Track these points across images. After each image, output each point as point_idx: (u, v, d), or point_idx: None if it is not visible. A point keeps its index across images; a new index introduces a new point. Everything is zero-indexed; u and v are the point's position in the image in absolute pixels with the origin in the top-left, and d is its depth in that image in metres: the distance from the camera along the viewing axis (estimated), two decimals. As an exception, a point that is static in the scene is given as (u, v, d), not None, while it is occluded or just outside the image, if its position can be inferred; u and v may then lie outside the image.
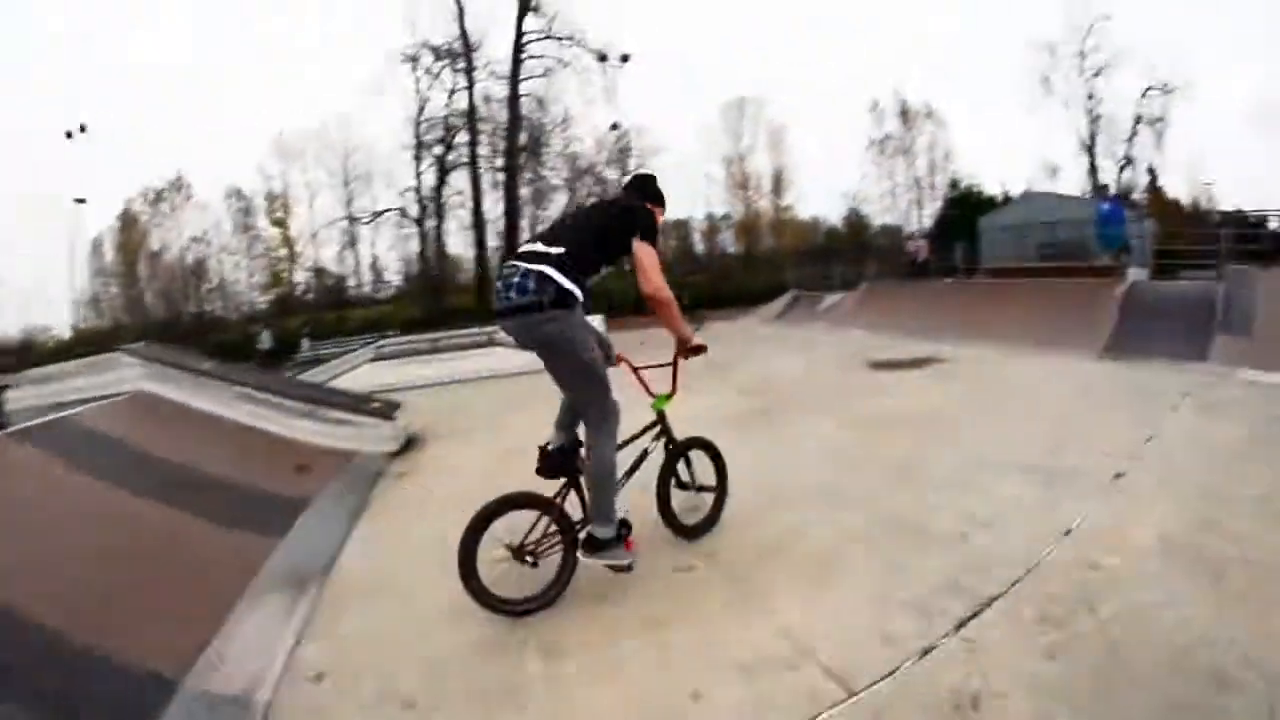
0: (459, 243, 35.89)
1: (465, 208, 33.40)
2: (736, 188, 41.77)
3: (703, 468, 3.52)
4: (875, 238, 38.73)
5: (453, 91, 31.76)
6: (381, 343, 18.74)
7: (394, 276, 39.01)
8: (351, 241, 37.19)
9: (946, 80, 59.35)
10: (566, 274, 2.59)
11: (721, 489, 3.58)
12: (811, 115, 57.93)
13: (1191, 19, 46.86)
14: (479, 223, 32.53)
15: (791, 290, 23.30)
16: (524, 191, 33.17)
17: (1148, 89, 33.09)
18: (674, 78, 59.17)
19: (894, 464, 4.66)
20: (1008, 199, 28.18)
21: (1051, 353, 9.14)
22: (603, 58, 32.02)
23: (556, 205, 33.23)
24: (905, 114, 40.65)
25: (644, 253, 2.71)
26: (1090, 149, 34.67)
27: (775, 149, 42.21)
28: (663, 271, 2.77)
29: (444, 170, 32.63)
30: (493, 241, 32.75)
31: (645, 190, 3.13)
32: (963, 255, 16.97)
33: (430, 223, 33.74)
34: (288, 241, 37.28)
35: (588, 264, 2.70)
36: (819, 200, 70.22)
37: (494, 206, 33.09)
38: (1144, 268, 13.19)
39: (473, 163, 31.97)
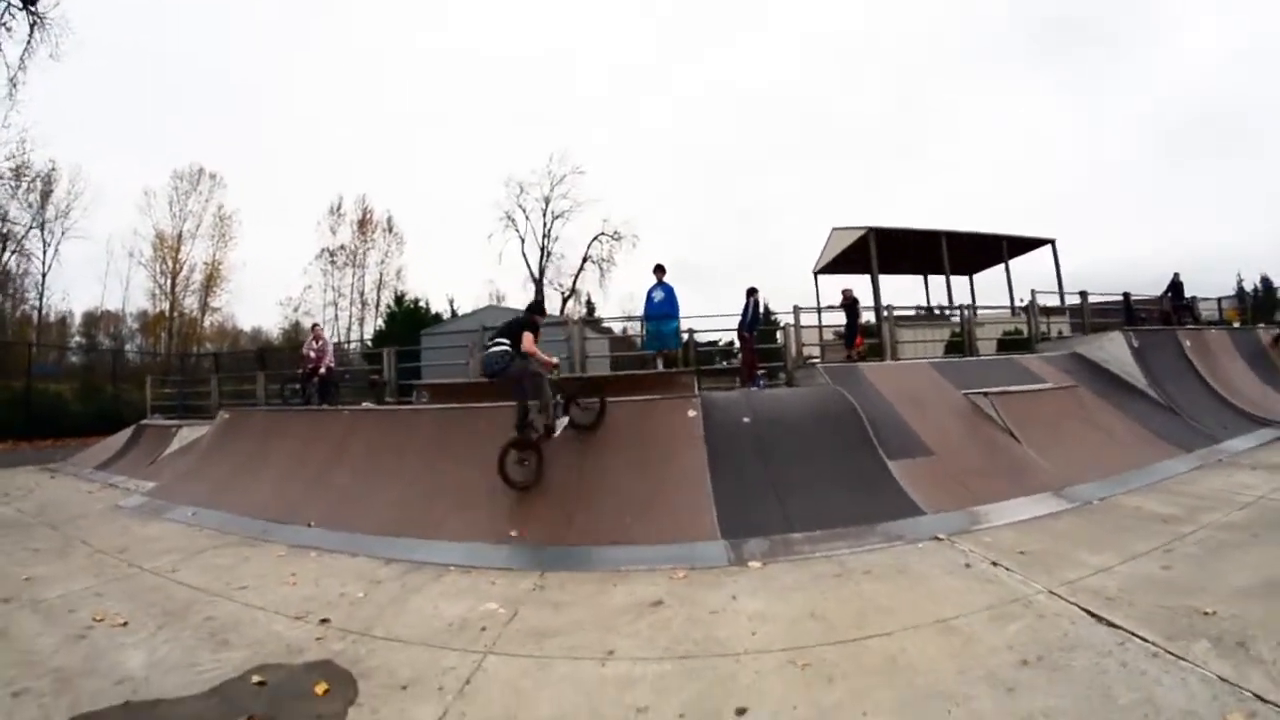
0: None
1: None
2: (164, 276, 32.44)
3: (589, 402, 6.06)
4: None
5: None
6: None
7: None
8: None
9: (412, 198, 57.20)
10: (513, 349, 5.56)
11: (602, 409, 6.01)
12: (264, 212, 47.53)
13: (646, 188, 57.09)
14: None
15: (148, 417, 13.50)
16: None
17: (600, 234, 36.48)
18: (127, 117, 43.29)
19: None
20: (455, 315, 25.21)
21: (631, 563, 4.48)
22: None
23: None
24: (364, 223, 36.38)
25: (527, 339, 5.57)
26: (539, 280, 36.59)
27: (220, 239, 33.29)
28: None
29: None
30: None
31: (535, 308, 6.15)
32: (394, 368, 10.80)
33: None
34: None
35: (517, 344, 5.58)
36: (259, 308, 58.34)
37: None
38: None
39: None
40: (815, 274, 22.33)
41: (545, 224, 36.89)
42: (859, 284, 21.68)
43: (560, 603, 3.76)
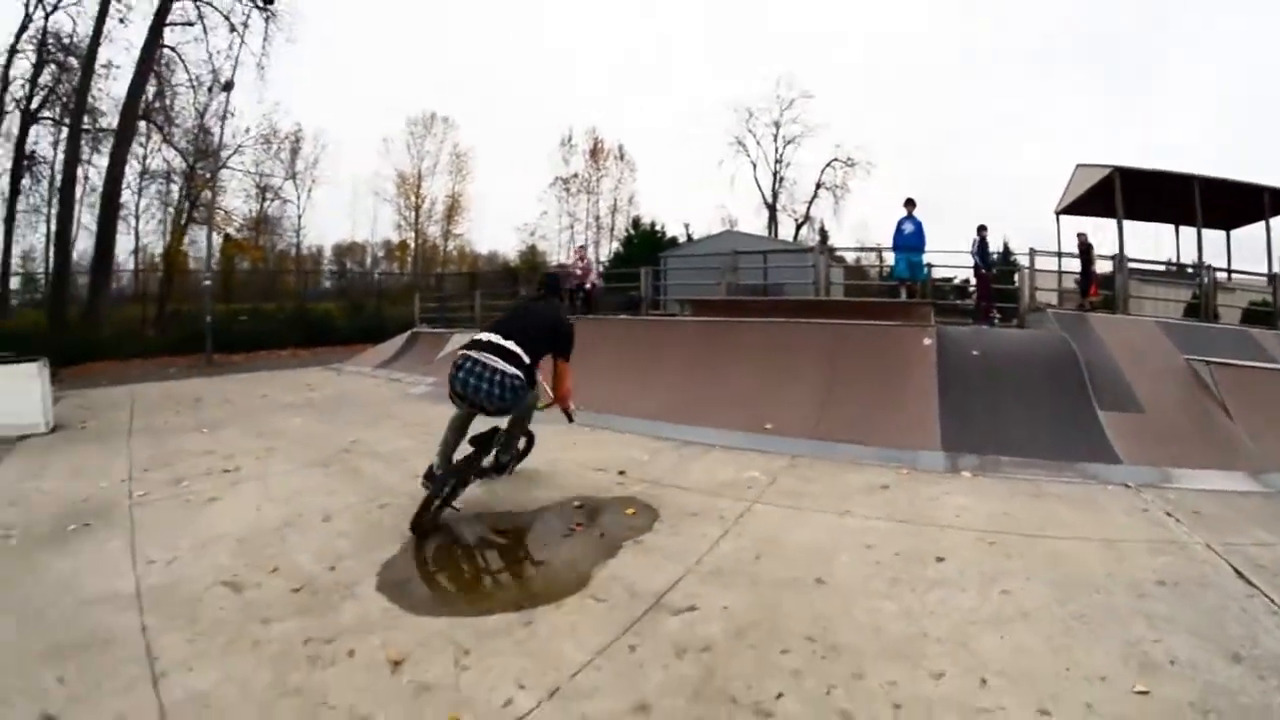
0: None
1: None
2: (409, 210, 37.48)
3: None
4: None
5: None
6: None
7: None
8: None
9: (640, 125, 60.25)
10: (528, 375, 3.78)
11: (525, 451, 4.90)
12: (496, 144, 54.58)
13: (878, 113, 55.55)
14: (67, 202, 20.68)
15: (416, 327, 16.62)
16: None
17: (833, 160, 36.95)
18: (360, 77, 51.85)
19: None
20: (690, 239, 26.68)
21: (865, 458, 5.63)
22: None
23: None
24: (595, 152, 39.40)
25: (565, 367, 4.08)
26: (772, 206, 37.25)
27: (458, 174, 37.73)
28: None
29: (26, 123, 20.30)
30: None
31: (556, 289, 4.54)
32: (649, 285, 12.31)
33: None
34: None
35: (537, 359, 3.89)
36: (494, 234, 66.37)
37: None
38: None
39: (76, 117, 20.18)
40: (1057, 214, 20.44)
41: (776, 149, 36.84)
42: (1104, 229, 19.56)
43: (808, 478, 5.12)
